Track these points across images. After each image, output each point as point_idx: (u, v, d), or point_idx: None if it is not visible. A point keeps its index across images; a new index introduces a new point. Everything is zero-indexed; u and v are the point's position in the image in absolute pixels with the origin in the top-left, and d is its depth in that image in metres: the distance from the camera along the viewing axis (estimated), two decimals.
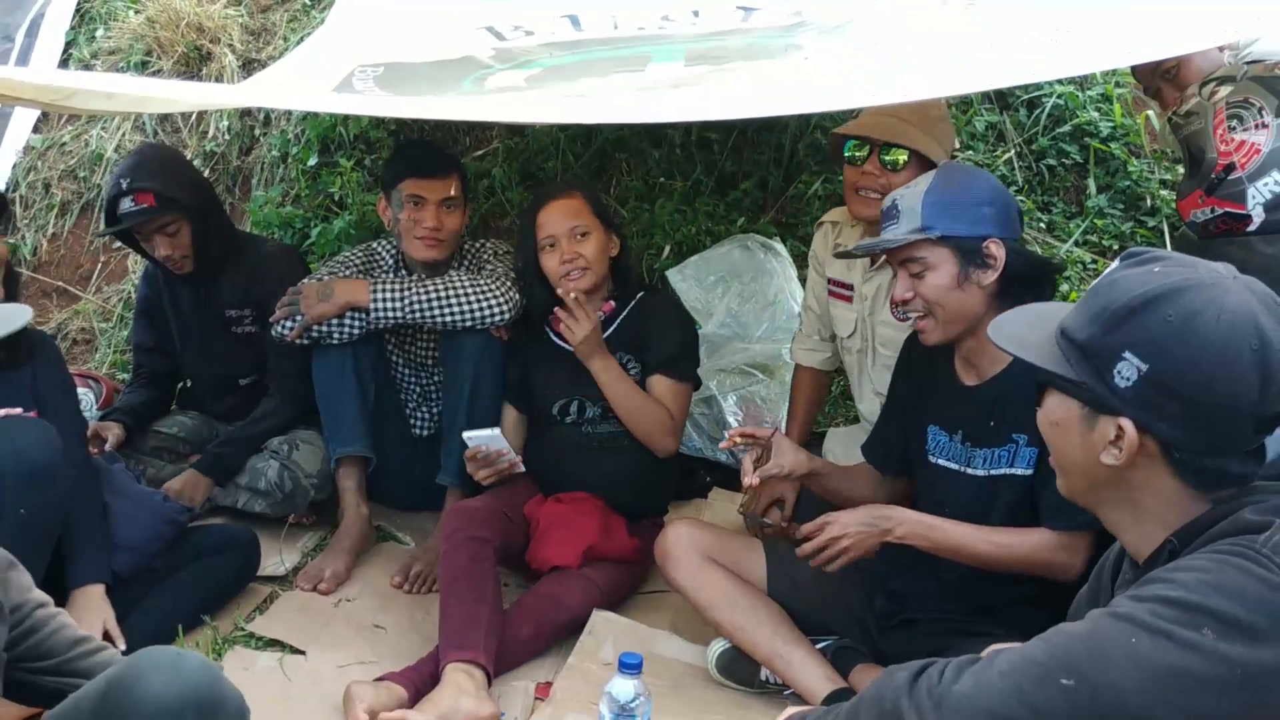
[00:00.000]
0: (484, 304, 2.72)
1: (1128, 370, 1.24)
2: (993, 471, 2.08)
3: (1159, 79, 2.77)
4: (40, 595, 1.55)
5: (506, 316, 2.74)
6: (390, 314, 2.74)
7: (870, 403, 2.71)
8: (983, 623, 2.11)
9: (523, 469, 2.69)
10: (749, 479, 2.22)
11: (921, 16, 2.74)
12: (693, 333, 2.81)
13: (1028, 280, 2.01)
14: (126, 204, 2.83)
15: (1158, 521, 1.28)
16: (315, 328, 2.77)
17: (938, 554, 2.06)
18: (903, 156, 2.46)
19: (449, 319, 2.72)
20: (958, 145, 3.77)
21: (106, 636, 2.17)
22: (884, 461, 2.35)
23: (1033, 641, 1.24)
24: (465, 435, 2.60)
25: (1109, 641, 1.16)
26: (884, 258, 2.60)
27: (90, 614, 2.20)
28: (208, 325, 3.09)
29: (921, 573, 2.21)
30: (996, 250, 1.98)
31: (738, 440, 2.27)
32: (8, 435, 2.07)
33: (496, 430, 2.60)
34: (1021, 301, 2.01)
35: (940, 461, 2.18)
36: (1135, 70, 3.02)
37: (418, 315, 2.73)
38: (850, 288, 2.72)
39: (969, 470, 2.12)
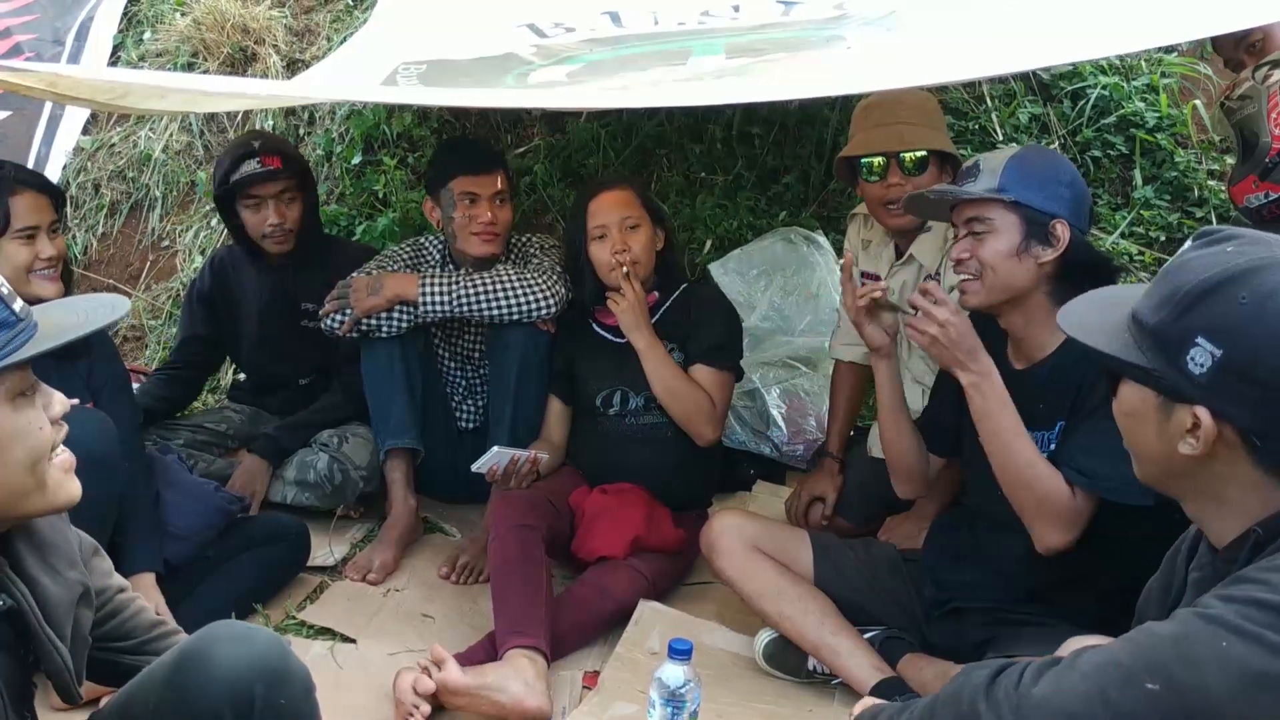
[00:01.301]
0: (531, 298, 2.74)
1: (1201, 356, 1.18)
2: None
3: (1243, 52, 2.73)
4: (120, 580, 1.60)
5: (553, 310, 2.76)
6: (438, 308, 2.76)
7: (910, 390, 2.69)
8: (1031, 611, 2.10)
9: (545, 457, 2.71)
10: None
11: (967, 4, 2.74)
12: (736, 323, 2.81)
13: (1085, 271, 1.98)
14: (252, 164, 2.88)
15: (1240, 511, 1.23)
16: (364, 321, 2.79)
17: (979, 423, 2.00)
18: (922, 157, 2.49)
19: (496, 312, 2.74)
20: (1000, 137, 3.76)
21: None
22: (936, 441, 2.33)
23: (1117, 642, 1.21)
24: (474, 468, 2.61)
25: (1198, 644, 1.11)
26: (909, 253, 2.62)
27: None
28: (281, 317, 3.12)
29: (969, 562, 2.20)
30: (1062, 231, 1.97)
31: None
32: (68, 427, 2.11)
33: (495, 448, 2.62)
34: (1075, 291, 1.99)
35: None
36: (1216, 43, 2.98)
37: (465, 309, 2.75)
38: (880, 278, 2.72)
39: None
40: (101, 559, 1.55)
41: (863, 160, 2.54)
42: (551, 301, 2.75)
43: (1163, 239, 3.58)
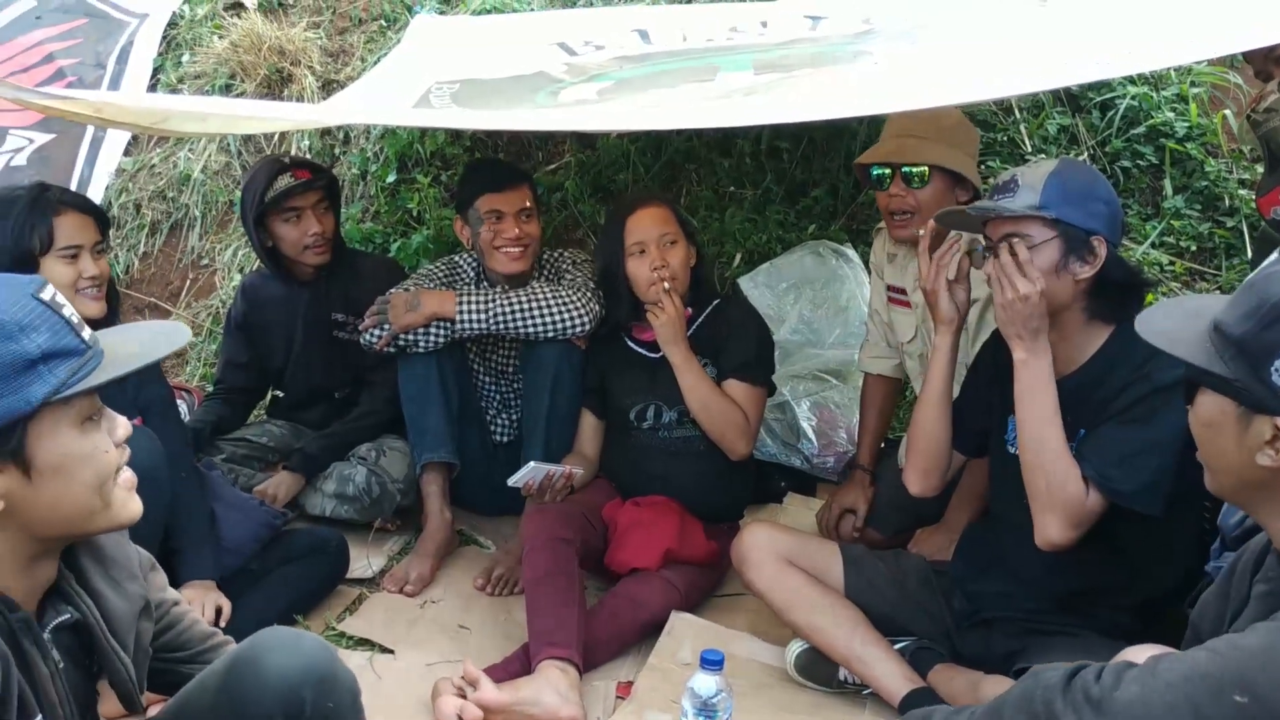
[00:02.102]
0: (566, 314, 2.78)
1: None
2: None
3: (1272, 64, 2.74)
4: (175, 593, 1.66)
5: (587, 326, 2.81)
6: (475, 324, 2.81)
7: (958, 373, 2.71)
8: (1060, 621, 2.11)
9: (580, 472, 2.75)
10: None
11: (993, 19, 2.76)
12: (768, 338, 2.84)
13: (1121, 287, 2.01)
14: (287, 178, 2.96)
15: None
16: (402, 337, 2.85)
17: (1019, 402, 2.02)
18: (923, 171, 2.52)
19: (532, 329, 2.79)
20: (1029, 149, 3.76)
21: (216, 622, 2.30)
22: (962, 442, 2.35)
23: (1198, 652, 1.21)
24: (510, 482, 2.66)
25: None
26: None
27: (204, 602, 2.34)
28: (317, 331, 3.18)
29: (997, 572, 2.22)
30: (1100, 248, 1.98)
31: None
32: None
33: (531, 464, 2.66)
34: (1108, 306, 2.02)
35: (1016, 451, 2.18)
36: (1247, 53, 2.99)
37: (501, 326, 2.80)
38: (905, 291, 2.74)
39: None
40: (158, 573, 1.61)
41: (872, 169, 2.59)
42: (586, 318, 2.79)
43: (1193, 249, 3.58)
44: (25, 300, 1.23)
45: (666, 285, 2.63)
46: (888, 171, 2.57)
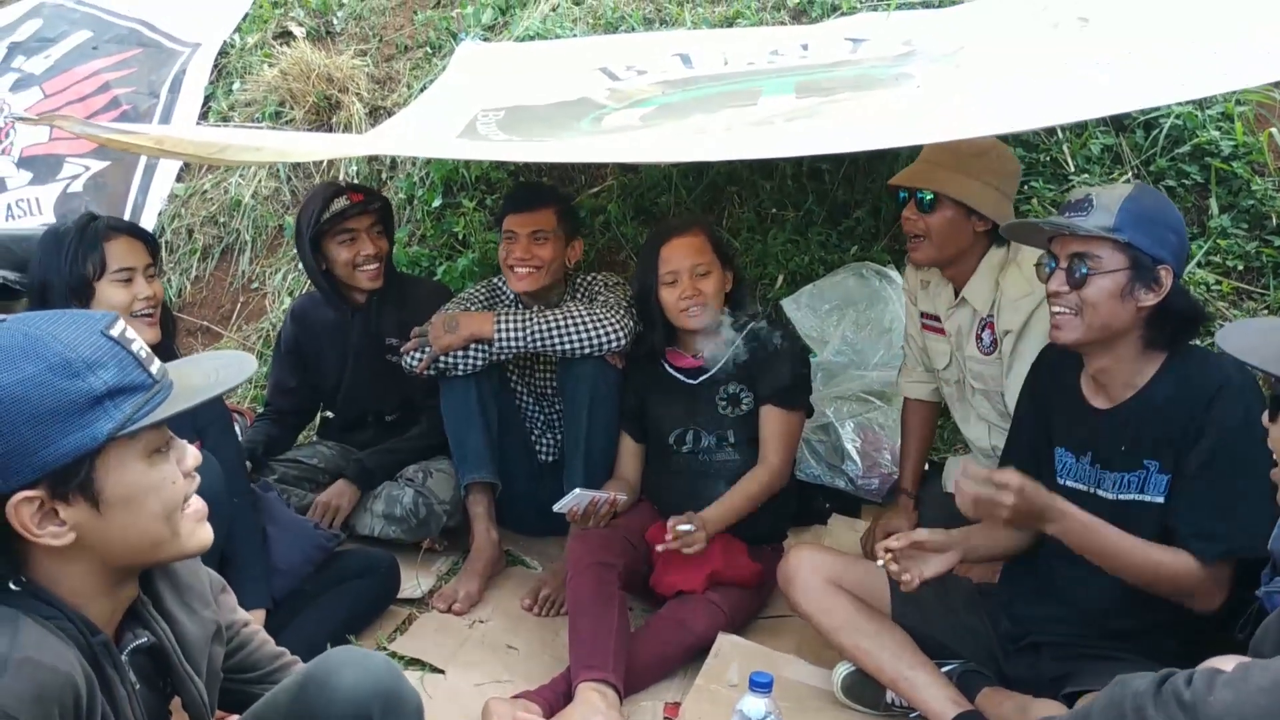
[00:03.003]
0: (601, 331, 2.82)
1: None
2: (1122, 496, 2.07)
3: None
4: (244, 615, 1.71)
5: (622, 342, 2.85)
6: (513, 343, 2.86)
7: (976, 428, 2.72)
8: (1111, 647, 2.11)
9: (624, 497, 2.78)
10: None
11: (1035, 40, 2.76)
12: (804, 362, 2.85)
13: (1181, 318, 2.01)
14: (342, 201, 3.03)
15: None
16: (441, 359, 2.90)
17: (1083, 553, 2.02)
18: (931, 198, 2.54)
19: (567, 346, 2.84)
20: (1071, 169, 3.76)
21: None
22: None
23: None
24: (555, 508, 2.69)
25: None
26: (962, 295, 2.63)
27: None
28: (366, 355, 3.23)
29: (1048, 598, 2.21)
30: (1166, 277, 1.98)
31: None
32: None
33: (576, 490, 2.69)
34: (1165, 336, 2.02)
35: (1069, 483, 2.18)
36: None
37: (538, 344, 2.85)
38: (939, 319, 2.75)
39: (1099, 492, 2.11)
40: (228, 595, 1.66)
41: (899, 191, 2.63)
42: (621, 334, 2.83)
43: (1240, 268, 3.54)
44: (94, 338, 1.26)
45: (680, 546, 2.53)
46: (904, 194, 2.60)
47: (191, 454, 1.38)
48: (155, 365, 1.32)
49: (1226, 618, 2.06)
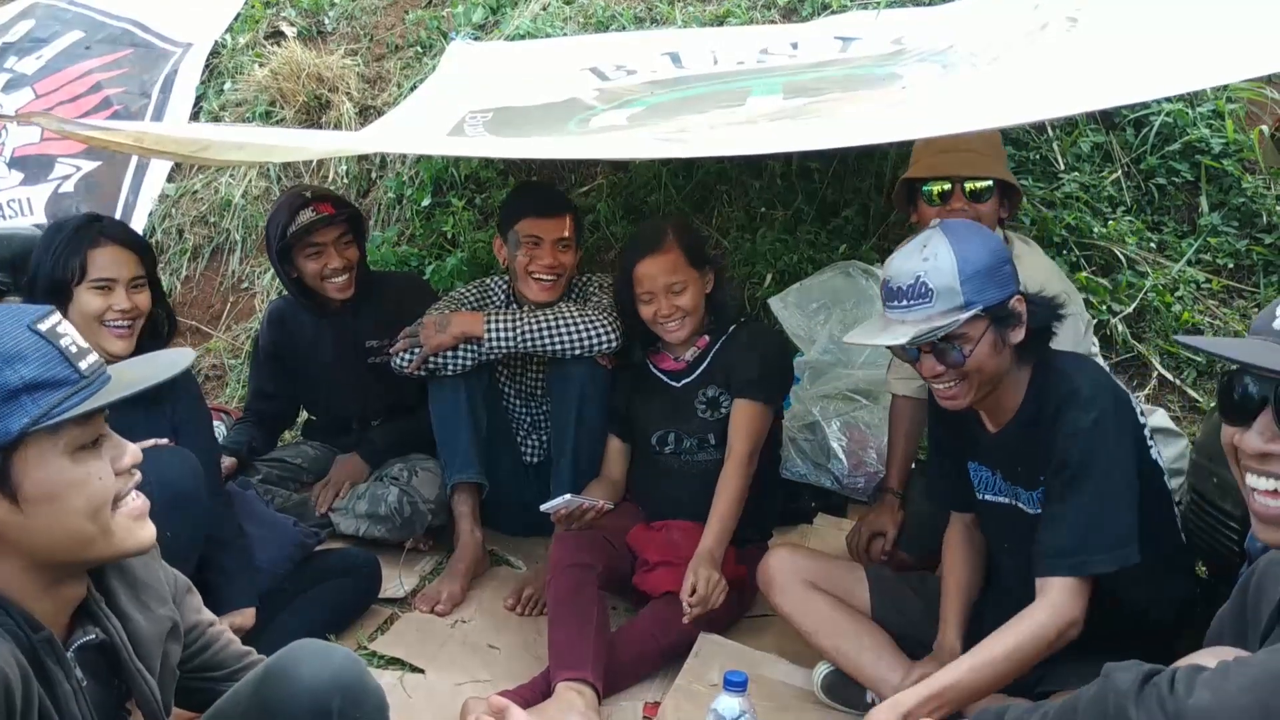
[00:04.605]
0: (591, 332, 2.81)
1: None
2: (1040, 510, 2.06)
3: None
4: (210, 615, 1.69)
5: (613, 343, 2.83)
6: (503, 343, 2.85)
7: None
8: (1082, 649, 2.09)
9: (611, 507, 2.77)
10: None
11: (1022, 40, 2.75)
12: (777, 357, 2.82)
13: (1045, 327, 2.01)
14: (309, 213, 2.96)
15: None
16: (431, 360, 2.89)
17: (984, 694, 1.93)
18: (987, 186, 2.51)
19: (558, 347, 2.82)
20: (1062, 166, 3.75)
21: None
22: (952, 500, 2.34)
23: (1269, 654, 1.22)
24: (543, 508, 2.68)
25: None
26: None
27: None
28: (348, 360, 3.20)
29: (1019, 599, 2.19)
30: (1019, 305, 1.98)
31: None
32: (154, 465, 2.21)
33: (568, 495, 2.68)
34: (1039, 345, 2.02)
35: (989, 498, 2.18)
36: None
37: (528, 344, 2.84)
38: None
39: (1019, 505, 2.11)
40: (193, 596, 1.64)
41: (925, 185, 2.57)
42: (611, 336, 2.82)
43: (1230, 266, 3.54)
44: (18, 331, 1.25)
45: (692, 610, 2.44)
46: (947, 186, 2.54)
47: (130, 452, 1.35)
48: (87, 361, 1.29)
49: (1189, 606, 2.07)
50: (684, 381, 2.79)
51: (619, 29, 4.31)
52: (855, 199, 3.83)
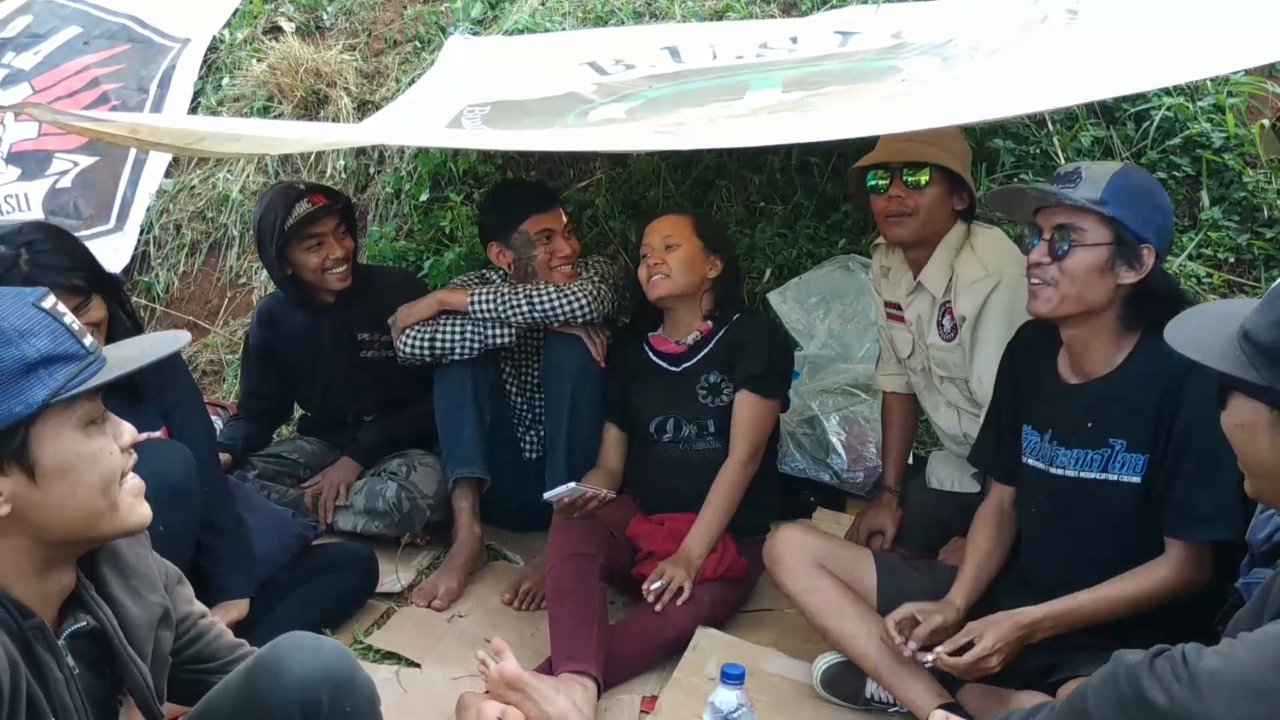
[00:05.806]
0: (570, 301, 2.85)
1: None
2: (1082, 474, 2.05)
3: None
4: (201, 606, 1.69)
5: (589, 313, 2.87)
6: (486, 310, 2.88)
7: (946, 415, 2.68)
8: (1098, 638, 2.08)
9: (613, 496, 2.76)
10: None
11: (1023, 32, 2.74)
12: (784, 352, 2.83)
13: (1161, 299, 1.98)
14: (304, 205, 2.98)
15: None
16: (437, 344, 2.89)
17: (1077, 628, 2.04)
18: (925, 175, 2.49)
19: (537, 315, 2.86)
20: (1062, 161, 3.73)
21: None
22: (992, 466, 2.33)
23: (1270, 624, 1.24)
24: (546, 496, 2.67)
25: None
26: (918, 281, 2.59)
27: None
28: (340, 354, 3.20)
29: (1032, 590, 2.18)
30: (1148, 256, 1.96)
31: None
32: (147, 459, 2.19)
33: (571, 484, 2.67)
34: (1144, 316, 2.00)
35: (1029, 461, 2.17)
36: None
37: (509, 312, 2.87)
38: (900, 307, 2.72)
39: (1051, 470, 2.10)
40: (185, 587, 1.64)
41: (869, 172, 2.57)
42: (589, 304, 2.86)
43: (1231, 260, 3.52)
44: (25, 309, 1.27)
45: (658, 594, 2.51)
46: (885, 178, 2.53)
47: (128, 430, 1.37)
48: (88, 339, 1.32)
49: (1208, 609, 2.04)
50: (684, 366, 2.79)
51: (618, 24, 4.30)
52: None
